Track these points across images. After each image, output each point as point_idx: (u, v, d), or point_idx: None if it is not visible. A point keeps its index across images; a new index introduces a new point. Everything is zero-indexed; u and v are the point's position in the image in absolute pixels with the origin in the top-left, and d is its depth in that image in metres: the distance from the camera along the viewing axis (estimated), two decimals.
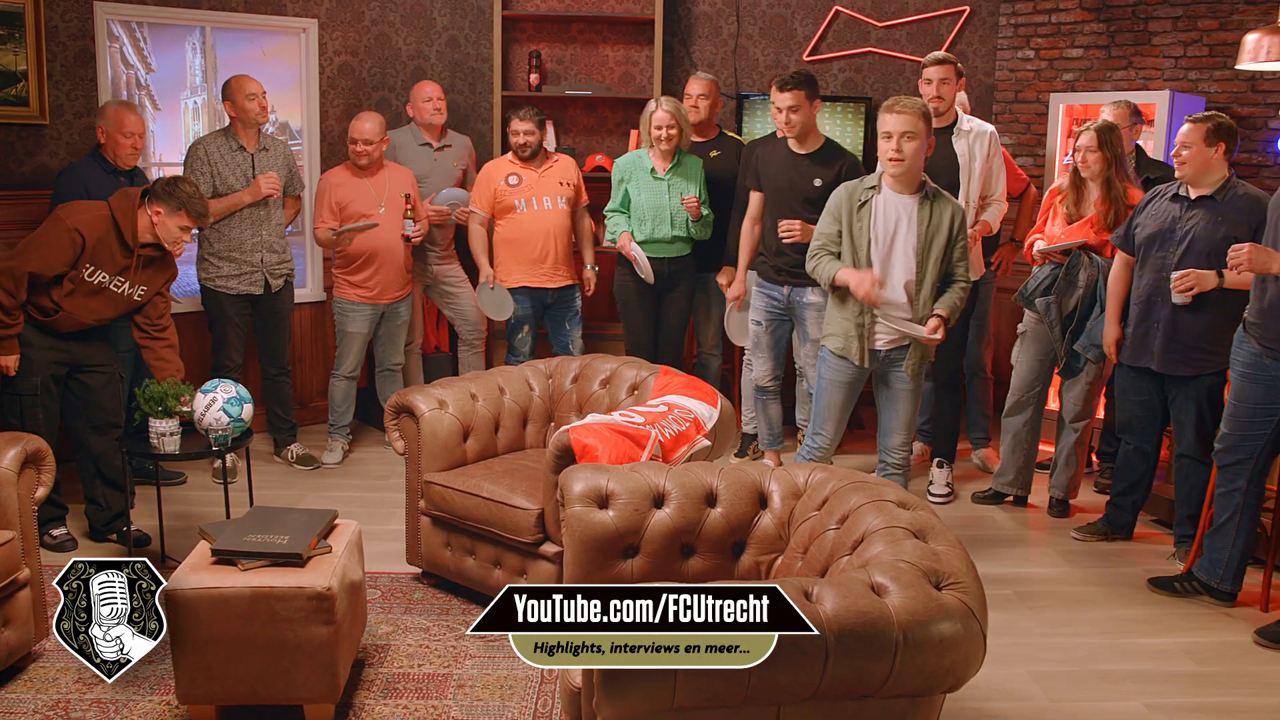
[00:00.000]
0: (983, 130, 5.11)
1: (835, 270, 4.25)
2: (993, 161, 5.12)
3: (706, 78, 5.75)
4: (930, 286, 4.23)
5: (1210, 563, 4.26)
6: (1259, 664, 3.83)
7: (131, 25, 5.75)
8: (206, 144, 5.32)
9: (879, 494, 2.84)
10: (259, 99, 5.32)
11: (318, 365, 6.51)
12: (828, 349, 4.41)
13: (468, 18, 6.75)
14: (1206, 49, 6.29)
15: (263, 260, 5.41)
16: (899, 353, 4.33)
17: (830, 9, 6.90)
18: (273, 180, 5.32)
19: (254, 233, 5.36)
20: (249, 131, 5.36)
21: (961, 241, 4.27)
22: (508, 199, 5.53)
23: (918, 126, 4.08)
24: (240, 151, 5.34)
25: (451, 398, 4.23)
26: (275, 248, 5.46)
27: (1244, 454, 4.07)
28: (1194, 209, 4.36)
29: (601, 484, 3.11)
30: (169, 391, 4.18)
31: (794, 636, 2.24)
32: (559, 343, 5.75)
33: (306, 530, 3.34)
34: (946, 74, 5.04)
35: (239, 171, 5.32)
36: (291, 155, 5.65)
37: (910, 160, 4.10)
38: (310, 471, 5.69)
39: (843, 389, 4.42)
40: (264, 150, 5.42)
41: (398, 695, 3.45)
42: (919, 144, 4.09)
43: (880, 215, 4.21)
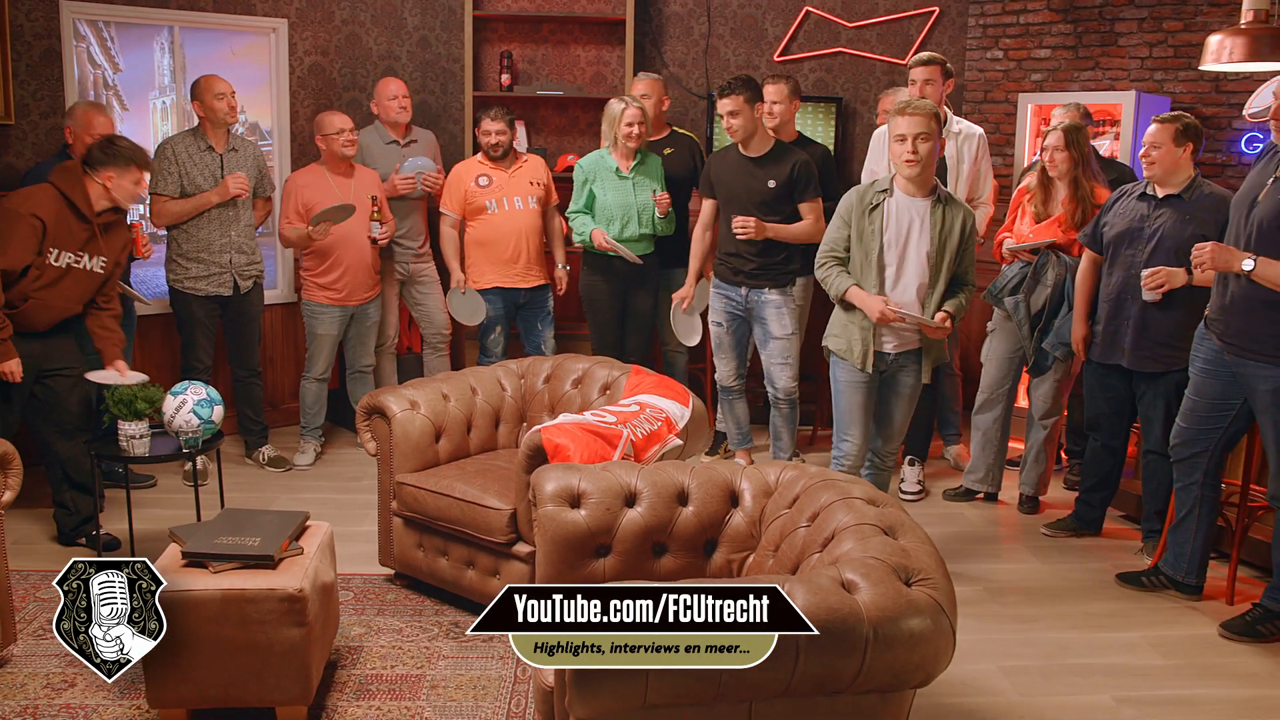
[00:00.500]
0: (971, 132, 5.14)
1: (846, 286, 4.18)
2: (980, 164, 5.14)
3: (652, 77, 5.77)
4: (941, 290, 4.17)
5: (1174, 557, 4.31)
6: (1224, 656, 3.88)
7: (98, 24, 5.70)
8: (175, 144, 5.28)
9: (848, 491, 2.86)
10: (228, 99, 5.28)
11: (289, 367, 6.48)
12: (830, 349, 4.35)
13: (439, 18, 6.74)
14: (1171, 50, 6.36)
15: (231, 261, 5.37)
16: (907, 357, 4.26)
17: (801, 9, 6.93)
18: (241, 181, 5.28)
19: (222, 233, 5.33)
20: (218, 132, 5.32)
21: (971, 245, 4.21)
22: (478, 200, 5.53)
23: (930, 127, 4.01)
24: (209, 152, 5.30)
25: (423, 398, 4.23)
26: (244, 249, 5.43)
27: (1200, 448, 4.13)
28: (1162, 208, 4.41)
29: (573, 483, 3.11)
30: (138, 394, 4.15)
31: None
32: (531, 343, 5.75)
33: (278, 532, 3.33)
34: (932, 74, 5.01)
35: (207, 172, 5.28)
36: (261, 156, 5.62)
37: (925, 162, 4.04)
38: (282, 473, 5.66)
39: (859, 389, 4.28)
40: (233, 151, 5.39)
41: (371, 697, 3.44)
42: (932, 145, 4.03)
43: (893, 219, 4.12)
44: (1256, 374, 3.84)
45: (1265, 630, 3.98)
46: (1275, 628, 3.98)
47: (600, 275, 5.51)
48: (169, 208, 5.21)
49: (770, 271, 5.09)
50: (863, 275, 4.17)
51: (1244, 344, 3.85)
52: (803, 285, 5.65)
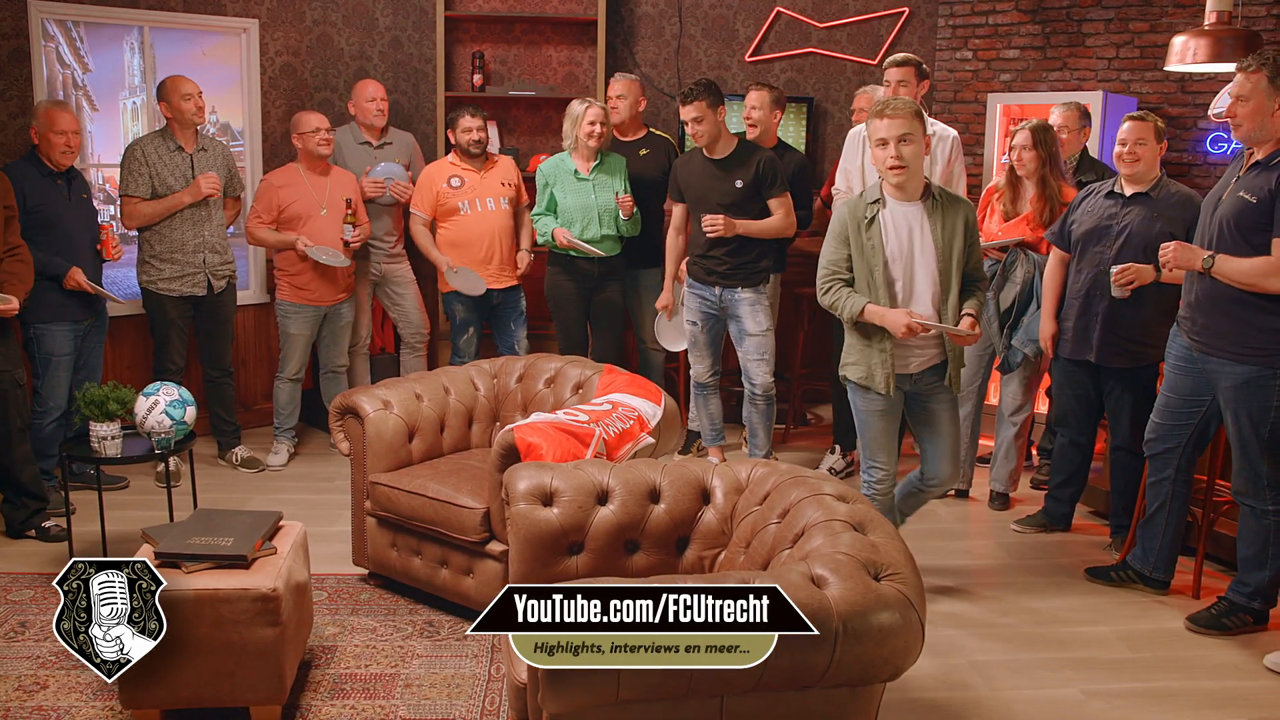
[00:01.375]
0: (946, 134, 5.16)
1: (861, 305, 3.86)
2: (954, 166, 5.17)
3: (628, 78, 5.78)
4: (956, 293, 3.91)
5: (1143, 551, 4.36)
6: (1190, 649, 3.93)
7: (67, 24, 5.67)
8: (144, 145, 5.26)
9: (818, 488, 2.88)
10: (195, 99, 5.26)
11: (262, 368, 6.46)
12: (850, 379, 4.05)
13: (410, 18, 6.73)
14: (1138, 50, 6.43)
15: (205, 261, 5.36)
16: (932, 372, 4.01)
17: (772, 10, 6.96)
18: (213, 180, 5.27)
19: (195, 233, 5.31)
20: (186, 132, 5.30)
21: (976, 239, 4.00)
22: (450, 201, 5.53)
23: (914, 128, 3.76)
24: (178, 152, 5.28)
25: (396, 398, 4.23)
26: (217, 248, 5.42)
27: (1173, 443, 4.18)
28: (1130, 205, 4.46)
29: (546, 482, 3.13)
30: (110, 395, 4.14)
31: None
32: (504, 343, 5.75)
33: (251, 532, 3.33)
34: (906, 76, 4.98)
35: (178, 172, 5.26)
36: (231, 156, 5.60)
37: (912, 165, 3.79)
38: (255, 474, 5.65)
39: (882, 417, 4.02)
40: (202, 151, 5.37)
41: (345, 696, 3.45)
42: (917, 147, 3.78)
43: (890, 230, 3.86)
44: (1220, 370, 3.89)
45: (1231, 623, 4.03)
46: (1240, 620, 4.03)
47: (565, 275, 5.52)
48: (140, 209, 5.19)
49: (743, 271, 5.12)
50: (871, 294, 3.88)
51: (1209, 341, 3.91)
52: (771, 284, 5.68)
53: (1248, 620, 4.03)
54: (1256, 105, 3.69)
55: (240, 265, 6.31)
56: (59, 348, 4.90)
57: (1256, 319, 3.77)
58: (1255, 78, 3.68)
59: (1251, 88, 3.69)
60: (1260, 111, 3.69)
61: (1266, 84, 3.66)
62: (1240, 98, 3.73)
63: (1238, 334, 3.82)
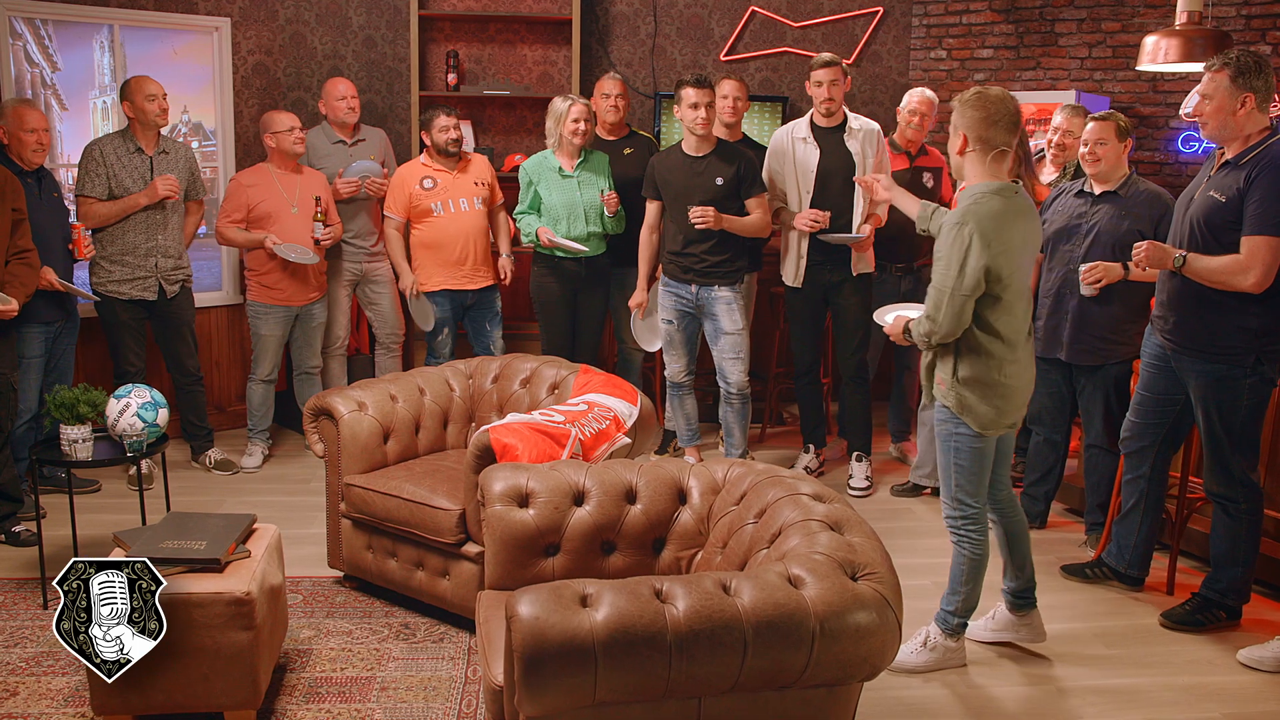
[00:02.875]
0: (870, 128, 5.26)
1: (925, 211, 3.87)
2: (881, 157, 5.24)
3: (618, 78, 5.78)
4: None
5: (1119, 548, 4.39)
6: (1165, 645, 3.96)
7: (35, 22, 5.61)
8: (102, 145, 5.19)
9: (795, 488, 2.88)
10: (159, 100, 5.20)
11: (235, 369, 6.42)
12: (965, 429, 3.54)
13: (384, 17, 6.70)
14: (1110, 50, 6.47)
15: (157, 265, 5.28)
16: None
17: (747, 9, 6.97)
18: (171, 183, 5.19)
19: (149, 237, 5.24)
20: (148, 134, 5.24)
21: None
22: (424, 203, 5.49)
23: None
24: (138, 154, 5.22)
25: (371, 399, 4.21)
26: (171, 252, 5.34)
27: (1148, 440, 4.20)
28: (1099, 204, 4.49)
29: (521, 483, 3.12)
30: (81, 398, 4.09)
31: (712, 629, 2.28)
32: (480, 344, 5.73)
33: (224, 535, 3.31)
34: (835, 75, 5.15)
35: (136, 174, 5.20)
36: (194, 159, 5.53)
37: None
38: (229, 476, 5.61)
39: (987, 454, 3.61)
40: (163, 153, 5.30)
41: (320, 699, 3.42)
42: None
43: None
44: (1190, 369, 3.92)
45: (1204, 619, 4.06)
46: (1213, 616, 4.06)
47: (551, 276, 5.50)
48: (95, 209, 5.13)
49: (720, 269, 5.13)
50: None
51: (1180, 340, 3.94)
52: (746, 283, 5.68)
53: (1221, 616, 4.07)
54: (1219, 104, 3.74)
55: (213, 266, 6.27)
56: (30, 349, 4.84)
57: (1227, 318, 3.80)
58: (1219, 77, 3.73)
59: (1215, 87, 3.74)
60: (1223, 110, 3.74)
61: (1229, 83, 3.70)
62: (1205, 96, 3.78)
63: (1209, 333, 3.85)
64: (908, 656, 3.71)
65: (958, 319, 3.36)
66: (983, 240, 3.28)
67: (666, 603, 2.33)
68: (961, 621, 3.72)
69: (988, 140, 3.38)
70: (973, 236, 3.28)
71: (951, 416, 3.53)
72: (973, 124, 3.38)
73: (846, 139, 5.21)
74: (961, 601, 3.69)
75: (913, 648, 3.73)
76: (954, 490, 3.61)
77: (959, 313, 3.35)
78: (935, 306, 3.37)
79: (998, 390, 3.47)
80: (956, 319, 3.36)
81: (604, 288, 5.64)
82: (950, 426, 3.55)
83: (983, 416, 3.48)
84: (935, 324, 3.38)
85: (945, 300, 3.34)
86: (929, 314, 3.40)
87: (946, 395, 3.51)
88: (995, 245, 3.30)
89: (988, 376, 3.45)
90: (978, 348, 3.44)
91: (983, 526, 3.64)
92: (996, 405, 3.49)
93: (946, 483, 3.64)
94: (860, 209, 5.19)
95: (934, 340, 3.44)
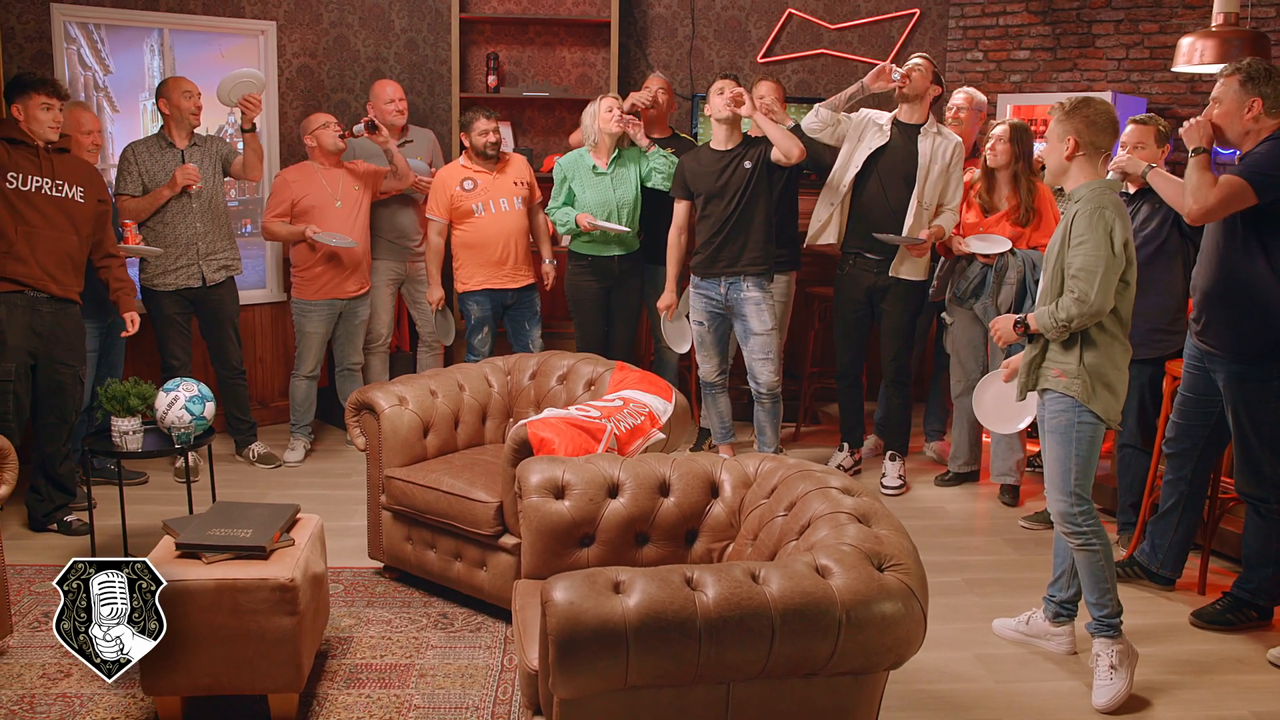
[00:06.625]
0: (951, 139, 5.26)
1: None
2: (953, 172, 5.24)
3: (664, 77, 5.88)
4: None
5: (1152, 548, 4.40)
6: (1195, 644, 3.97)
7: (89, 27, 5.76)
8: (136, 146, 5.35)
9: (824, 481, 2.94)
10: (194, 98, 5.34)
11: (278, 366, 6.54)
12: (1090, 417, 3.57)
13: (426, 20, 6.80)
14: (1147, 51, 6.46)
15: (199, 252, 5.40)
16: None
17: (784, 11, 7.01)
18: (190, 172, 5.29)
19: (187, 225, 5.36)
20: (181, 130, 5.37)
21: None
22: (465, 204, 5.57)
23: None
24: (170, 149, 5.35)
25: (411, 394, 4.29)
26: (208, 237, 5.45)
27: (1189, 443, 4.21)
28: (1133, 204, 4.52)
29: (557, 475, 3.19)
30: (131, 390, 4.22)
31: (741, 616, 2.34)
32: (519, 342, 5.81)
33: (269, 524, 3.40)
34: (924, 64, 5.27)
35: (167, 169, 5.32)
36: (227, 144, 5.64)
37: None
38: (272, 470, 5.73)
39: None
40: (195, 147, 5.43)
41: (360, 685, 3.52)
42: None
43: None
44: (1220, 369, 3.94)
45: (1235, 618, 4.07)
46: (1244, 616, 4.07)
47: (586, 274, 5.58)
48: (127, 205, 5.28)
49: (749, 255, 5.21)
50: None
51: (1210, 341, 3.96)
52: (784, 283, 5.74)
53: (1252, 616, 4.07)
54: (1228, 108, 3.80)
55: (257, 265, 6.39)
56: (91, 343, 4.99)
57: (1255, 320, 3.82)
58: (1229, 81, 3.80)
59: (1224, 90, 3.80)
60: (1231, 114, 3.80)
61: (1238, 88, 3.76)
62: (1216, 100, 3.84)
63: (1237, 334, 3.87)
64: (1106, 692, 3.53)
65: (1109, 294, 3.46)
66: (1121, 222, 3.48)
67: (697, 590, 2.40)
68: (1120, 619, 3.62)
69: (1095, 144, 3.56)
70: (1114, 219, 3.46)
71: (1075, 406, 3.57)
72: (1082, 130, 3.54)
73: (920, 137, 5.23)
74: (1112, 599, 3.62)
75: (1103, 680, 3.55)
76: (1073, 486, 3.61)
77: (1110, 288, 3.46)
78: (1087, 286, 3.44)
79: (1118, 379, 3.59)
80: (1108, 294, 3.46)
81: (638, 286, 5.71)
82: (1073, 416, 3.58)
83: (1108, 403, 3.57)
84: (1086, 304, 3.44)
85: (1099, 277, 3.43)
86: (1079, 296, 3.45)
87: (1070, 385, 3.57)
88: (1127, 230, 3.51)
89: (1111, 363, 3.56)
90: (1103, 334, 3.55)
91: (1098, 519, 3.66)
92: (1117, 393, 3.59)
93: (1065, 479, 3.62)
94: (912, 210, 5.21)
95: (1075, 325, 3.50)
